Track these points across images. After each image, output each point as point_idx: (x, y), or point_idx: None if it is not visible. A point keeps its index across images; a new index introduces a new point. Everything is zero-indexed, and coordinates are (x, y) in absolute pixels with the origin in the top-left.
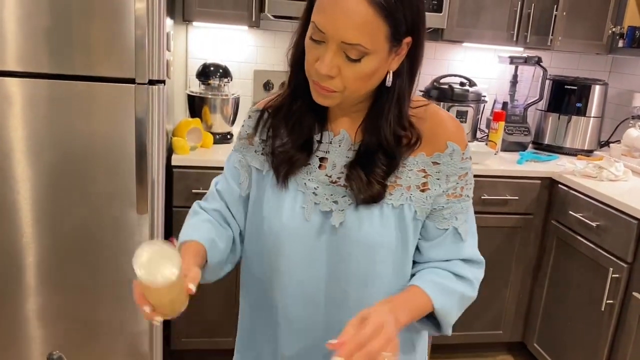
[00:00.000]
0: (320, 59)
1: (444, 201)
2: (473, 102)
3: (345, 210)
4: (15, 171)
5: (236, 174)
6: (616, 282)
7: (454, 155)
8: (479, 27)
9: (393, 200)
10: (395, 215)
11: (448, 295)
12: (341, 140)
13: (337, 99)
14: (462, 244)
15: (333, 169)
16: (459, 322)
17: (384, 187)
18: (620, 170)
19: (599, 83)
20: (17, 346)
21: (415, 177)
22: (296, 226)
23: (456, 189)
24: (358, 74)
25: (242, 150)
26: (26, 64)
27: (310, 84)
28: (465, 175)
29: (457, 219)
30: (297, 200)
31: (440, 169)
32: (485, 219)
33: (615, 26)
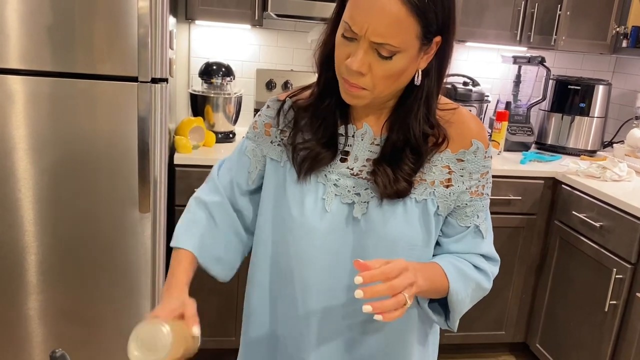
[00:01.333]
0: (351, 56)
1: (467, 199)
2: (476, 102)
3: (368, 203)
4: (17, 169)
5: (246, 162)
6: (620, 282)
7: (478, 153)
8: (483, 26)
9: (416, 195)
10: (419, 210)
11: (464, 281)
12: (364, 134)
13: (366, 99)
14: (481, 241)
15: (355, 162)
16: (462, 322)
17: (410, 184)
18: (623, 170)
19: (603, 83)
20: (18, 344)
21: (439, 172)
22: (317, 217)
23: (478, 187)
24: (388, 72)
25: (257, 140)
26: (29, 62)
27: (339, 83)
28: (486, 173)
29: (478, 217)
30: (319, 192)
31: (464, 166)
32: None
33: (619, 26)
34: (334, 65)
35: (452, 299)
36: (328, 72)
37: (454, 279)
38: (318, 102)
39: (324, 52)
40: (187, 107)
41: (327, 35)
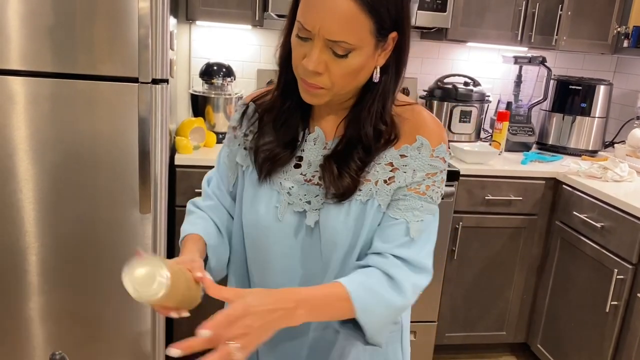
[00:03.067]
0: (307, 56)
1: (402, 193)
2: (477, 102)
3: (319, 210)
4: (18, 170)
5: (224, 169)
6: (621, 283)
7: (422, 150)
8: (483, 26)
9: (361, 196)
10: (360, 211)
11: (371, 296)
12: (316, 139)
13: (326, 97)
14: (405, 241)
15: (308, 168)
16: (463, 323)
17: (355, 183)
18: (625, 170)
19: (604, 83)
20: (19, 345)
21: (382, 170)
22: (270, 225)
23: (420, 185)
24: (345, 70)
25: (230, 144)
26: (29, 63)
27: (298, 82)
28: (434, 174)
29: (412, 215)
30: (272, 199)
31: (407, 162)
32: (489, 220)
33: (620, 26)
34: (288, 72)
35: (359, 316)
36: (288, 74)
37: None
38: (279, 104)
39: (282, 53)
40: (187, 107)
41: (284, 36)
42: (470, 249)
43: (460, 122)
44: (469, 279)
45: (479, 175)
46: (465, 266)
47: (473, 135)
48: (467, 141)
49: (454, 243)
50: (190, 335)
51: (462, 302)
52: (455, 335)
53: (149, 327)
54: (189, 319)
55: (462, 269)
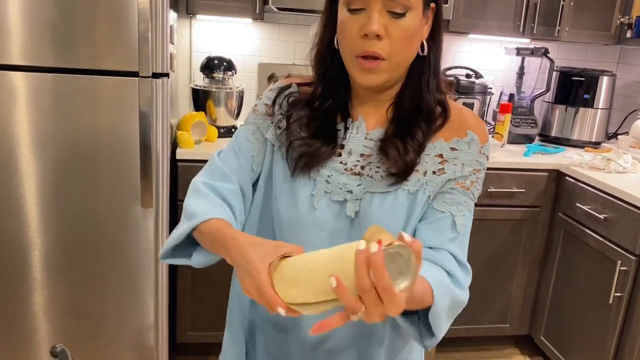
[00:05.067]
0: (364, 24)
1: (450, 186)
2: (479, 94)
3: (360, 200)
4: (20, 165)
5: (249, 147)
6: (624, 274)
7: (472, 145)
8: (486, 18)
9: (409, 186)
10: (408, 202)
11: (445, 291)
12: (358, 127)
13: (384, 73)
14: (455, 237)
15: (349, 157)
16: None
17: (416, 159)
18: (628, 162)
19: (607, 74)
20: (22, 339)
21: (432, 162)
22: (304, 215)
23: (467, 179)
24: (404, 32)
25: (258, 122)
26: (30, 58)
27: (352, 65)
28: (479, 171)
29: (457, 209)
30: (308, 187)
31: (457, 156)
32: (491, 212)
33: (623, 16)
34: (334, 62)
35: (434, 315)
36: (329, 70)
37: (439, 294)
38: (320, 101)
39: (321, 48)
40: (189, 102)
41: (323, 29)
42: (472, 242)
43: None
44: (472, 271)
45: None
46: (468, 258)
47: None
48: None
49: None
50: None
51: None
52: (458, 328)
53: (152, 321)
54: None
55: None
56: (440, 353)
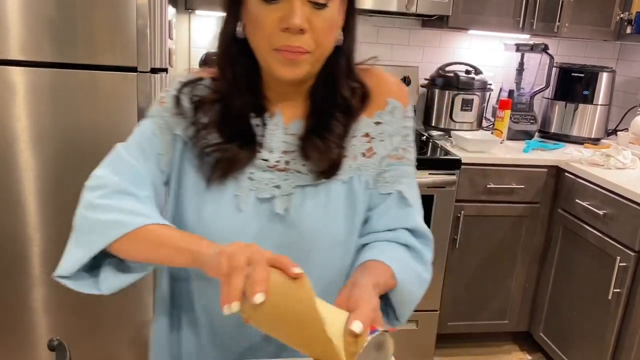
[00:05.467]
0: (285, 16)
1: (385, 164)
2: (479, 90)
3: (290, 195)
4: (19, 160)
5: (155, 142)
6: (623, 270)
7: (395, 113)
8: (485, 13)
9: (342, 175)
10: (345, 192)
11: (408, 272)
12: (276, 123)
13: (307, 65)
14: (409, 210)
15: (270, 154)
16: (465, 311)
17: (342, 153)
18: (627, 158)
19: (607, 70)
20: (21, 335)
21: (359, 143)
22: (227, 218)
23: (398, 150)
24: (327, 23)
25: (165, 116)
26: (29, 53)
27: (270, 58)
28: (407, 135)
29: (401, 183)
30: (229, 188)
31: (383, 129)
32: (491, 208)
33: (623, 12)
34: (241, 54)
35: (402, 292)
36: (236, 66)
37: (401, 278)
38: (229, 100)
39: (226, 39)
40: None
41: (227, 18)
42: (472, 238)
43: (461, 110)
44: (471, 267)
45: (481, 163)
46: (467, 255)
47: (475, 124)
48: (468, 129)
49: (456, 232)
50: None
51: (464, 291)
52: (458, 324)
53: (151, 317)
54: None
55: (464, 257)
56: (439, 349)
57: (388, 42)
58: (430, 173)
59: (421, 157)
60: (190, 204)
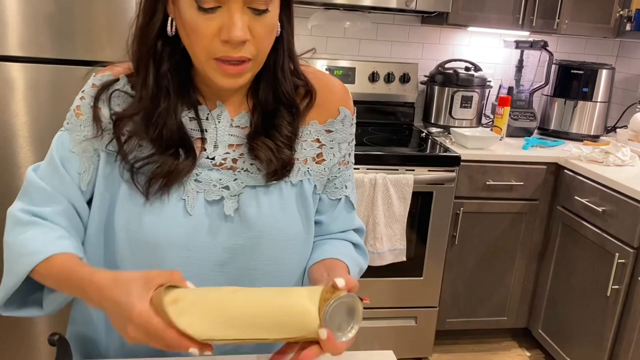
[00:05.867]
0: (224, 27)
1: (335, 170)
2: (478, 87)
3: (239, 196)
4: (18, 157)
5: (73, 160)
6: (622, 267)
7: (346, 121)
8: (485, 10)
9: (292, 177)
10: (295, 194)
11: (355, 267)
12: (219, 116)
13: (249, 73)
14: (353, 213)
15: (215, 150)
16: (464, 308)
17: (292, 151)
18: (627, 155)
19: (606, 67)
20: (23, 332)
21: (310, 148)
22: (175, 225)
23: (345, 156)
24: (267, 28)
25: (83, 129)
26: (28, 49)
27: (209, 68)
28: (352, 141)
29: (347, 187)
30: (172, 193)
31: (333, 137)
32: (490, 205)
33: (622, 9)
34: (166, 54)
35: None
36: (161, 66)
37: (353, 272)
38: (153, 107)
39: (145, 46)
40: None
41: (144, 25)
42: (471, 235)
43: (461, 107)
44: (470, 264)
45: (480, 160)
46: (466, 252)
47: (474, 121)
48: (468, 126)
49: (455, 229)
50: None
51: (463, 287)
52: (457, 321)
53: None
54: None
55: (463, 254)
56: (438, 346)
57: (387, 39)
58: (429, 170)
59: (420, 153)
60: (129, 214)
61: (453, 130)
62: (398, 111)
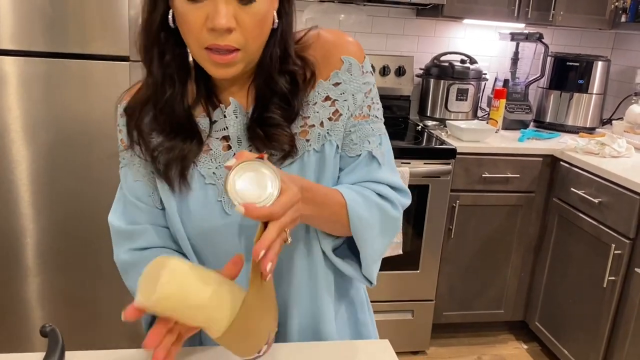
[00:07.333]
0: (210, 16)
1: (351, 124)
2: (474, 80)
3: None
4: (11, 151)
5: (142, 188)
6: (618, 258)
7: (353, 70)
8: (480, 3)
9: (312, 144)
10: (316, 160)
11: (367, 205)
12: (235, 111)
13: (240, 63)
14: (378, 168)
15: (239, 145)
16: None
17: (288, 131)
18: (622, 146)
19: (602, 59)
20: (17, 328)
21: (323, 109)
22: (215, 225)
23: (362, 108)
24: (255, 18)
25: (134, 159)
26: (20, 43)
27: (202, 58)
28: (369, 91)
29: (369, 142)
30: (209, 196)
31: (343, 89)
32: (486, 197)
33: (617, 1)
34: (169, 44)
35: (355, 226)
36: (165, 55)
37: (354, 202)
38: (159, 94)
39: (152, 31)
40: None
41: (148, 14)
42: (467, 228)
43: (457, 100)
44: (466, 257)
45: (476, 153)
46: (462, 245)
47: (470, 114)
48: (464, 119)
49: (451, 221)
50: None
51: (459, 280)
52: (453, 314)
53: None
54: None
55: (459, 247)
56: (435, 339)
57: (382, 32)
58: (425, 163)
59: (416, 146)
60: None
61: (449, 123)
62: (394, 104)
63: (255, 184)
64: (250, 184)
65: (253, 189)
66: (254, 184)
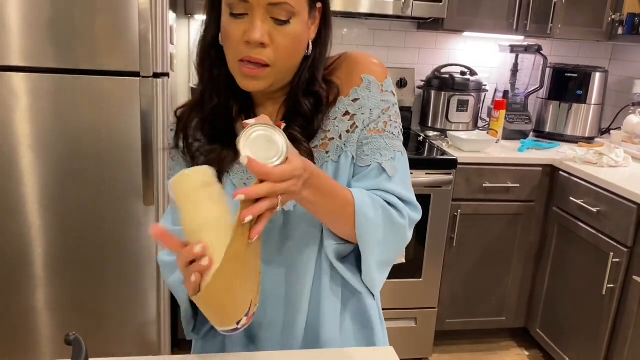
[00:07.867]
0: (247, 30)
1: (364, 136)
2: (474, 91)
3: None
4: (22, 165)
5: None
6: (617, 266)
7: (372, 88)
8: (479, 16)
9: (332, 156)
10: (334, 171)
11: (374, 206)
12: None
13: (268, 79)
14: (387, 179)
15: None
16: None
17: (308, 148)
18: (620, 156)
19: (600, 70)
20: (27, 336)
21: (341, 123)
22: None
23: (378, 123)
24: (288, 39)
25: (177, 157)
26: (31, 59)
27: (236, 69)
28: (387, 109)
29: (381, 155)
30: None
31: (361, 104)
32: (487, 207)
33: (614, 13)
34: (218, 60)
35: (361, 224)
36: (214, 69)
37: (362, 202)
38: (206, 102)
39: (205, 46)
40: None
41: (206, 26)
42: (469, 236)
43: (457, 111)
44: (468, 265)
45: (477, 163)
46: (464, 253)
47: (470, 124)
48: (464, 130)
49: (453, 230)
50: None
51: (461, 288)
52: (456, 321)
53: (154, 317)
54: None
55: (461, 255)
56: (437, 346)
57: (384, 45)
58: (427, 173)
59: (418, 157)
60: None
61: (450, 133)
62: None
63: (264, 147)
64: (261, 145)
65: (261, 151)
66: (264, 147)
